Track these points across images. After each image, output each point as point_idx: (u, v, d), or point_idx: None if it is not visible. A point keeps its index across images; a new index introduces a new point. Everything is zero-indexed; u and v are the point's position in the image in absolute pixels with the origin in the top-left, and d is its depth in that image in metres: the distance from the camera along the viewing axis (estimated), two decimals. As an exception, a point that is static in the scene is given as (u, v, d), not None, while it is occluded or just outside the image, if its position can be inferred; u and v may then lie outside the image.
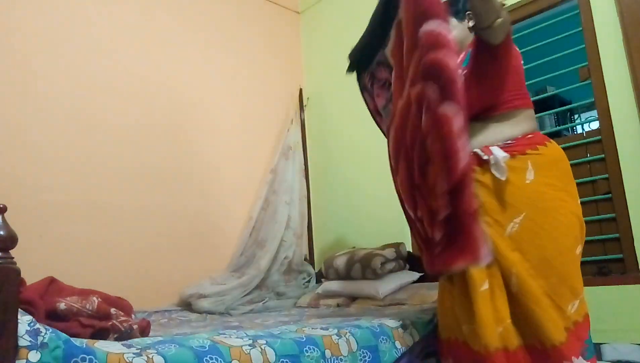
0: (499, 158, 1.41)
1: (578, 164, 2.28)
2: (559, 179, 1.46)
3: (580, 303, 1.40)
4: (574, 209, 1.45)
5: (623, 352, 1.94)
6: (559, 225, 1.40)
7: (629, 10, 2.10)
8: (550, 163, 1.47)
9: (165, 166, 2.70)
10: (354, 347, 1.39)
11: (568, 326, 1.37)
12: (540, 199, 1.42)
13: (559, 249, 1.40)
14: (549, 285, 1.37)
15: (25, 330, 0.88)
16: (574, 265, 1.42)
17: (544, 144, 1.49)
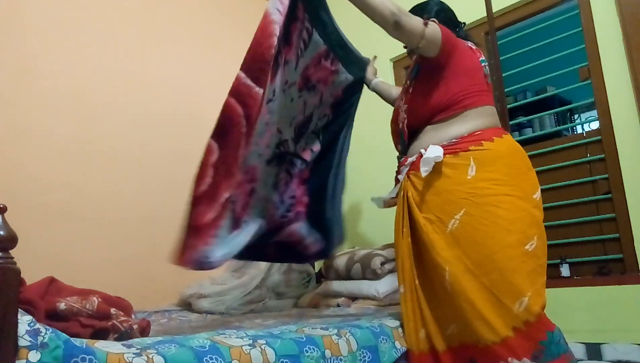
0: (429, 155, 1.47)
1: (578, 164, 2.29)
2: (504, 174, 1.45)
3: (530, 302, 1.34)
4: (522, 204, 1.43)
5: (623, 352, 1.94)
6: (498, 220, 1.39)
7: (629, 10, 2.10)
8: (494, 158, 1.47)
9: (165, 165, 2.70)
10: (354, 347, 1.39)
11: (517, 325, 1.33)
12: (480, 195, 1.43)
13: (498, 244, 1.38)
14: (490, 281, 1.37)
15: (25, 330, 0.88)
16: (518, 260, 1.37)
17: (490, 140, 1.49)
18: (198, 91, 2.95)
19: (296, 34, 1.57)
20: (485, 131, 1.52)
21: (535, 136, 2.76)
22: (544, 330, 1.33)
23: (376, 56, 2.04)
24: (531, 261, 1.39)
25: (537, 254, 1.41)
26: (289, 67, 1.59)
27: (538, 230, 1.44)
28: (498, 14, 2.49)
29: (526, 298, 1.33)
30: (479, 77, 1.59)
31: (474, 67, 1.59)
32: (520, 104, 2.81)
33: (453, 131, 1.53)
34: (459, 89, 1.54)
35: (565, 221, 2.28)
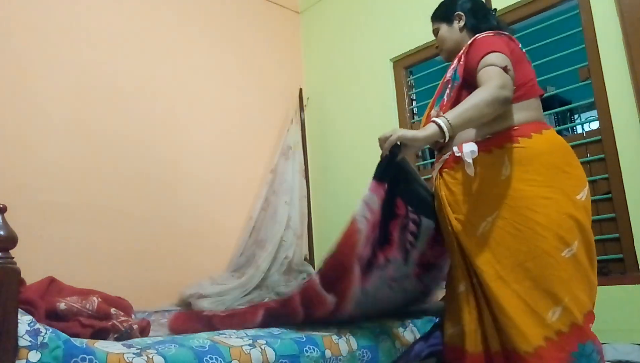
0: (465, 154, 1.36)
1: (578, 164, 2.29)
2: (541, 174, 1.35)
3: (564, 312, 1.27)
4: (561, 207, 1.32)
5: (623, 352, 1.93)
6: (533, 225, 1.31)
7: (629, 10, 2.10)
8: (532, 157, 1.36)
9: (165, 165, 2.70)
10: (354, 346, 1.39)
11: (549, 335, 1.27)
12: (514, 197, 1.34)
13: (532, 251, 1.30)
14: (522, 289, 1.30)
15: (25, 330, 0.88)
16: (553, 269, 1.29)
17: (528, 136, 1.38)
18: (198, 90, 2.95)
19: (397, 231, 1.47)
20: (523, 126, 1.40)
21: (535, 136, 2.76)
22: (575, 341, 1.26)
23: None
24: (569, 267, 1.30)
25: (578, 260, 1.31)
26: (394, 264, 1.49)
27: (580, 234, 1.34)
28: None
29: (560, 308, 1.27)
30: (523, 67, 1.47)
31: (519, 58, 1.46)
32: (520, 104, 2.80)
33: (490, 126, 1.40)
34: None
35: (565, 221, 2.28)
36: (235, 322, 1.40)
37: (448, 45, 1.65)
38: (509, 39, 1.49)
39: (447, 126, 1.29)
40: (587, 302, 1.31)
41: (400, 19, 3.03)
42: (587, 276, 1.33)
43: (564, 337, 1.26)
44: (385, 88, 3.08)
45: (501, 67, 1.34)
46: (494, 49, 1.40)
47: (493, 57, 1.37)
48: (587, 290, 1.32)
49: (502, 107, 1.33)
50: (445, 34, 1.65)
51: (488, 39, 1.45)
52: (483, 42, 1.45)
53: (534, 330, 1.27)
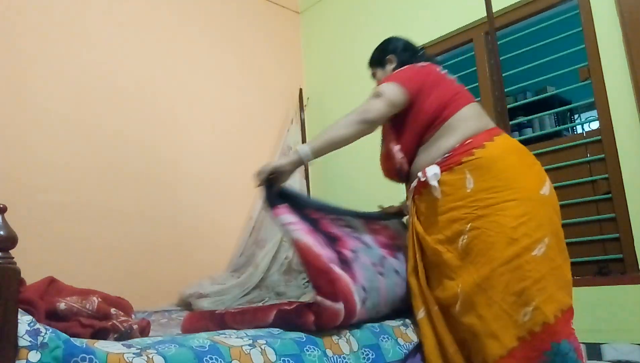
0: (429, 178, 1.46)
1: (578, 164, 2.29)
2: (500, 179, 1.40)
3: (535, 312, 1.28)
4: (526, 207, 1.36)
5: (623, 352, 1.93)
6: (503, 229, 1.35)
7: (629, 10, 2.10)
8: (489, 165, 1.42)
9: (165, 165, 2.70)
10: (355, 346, 1.39)
11: (521, 335, 1.29)
12: (481, 207, 1.39)
13: (503, 255, 1.33)
14: (497, 294, 1.32)
15: (25, 330, 0.87)
16: (525, 269, 1.31)
17: (481, 146, 1.45)
18: (198, 90, 2.95)
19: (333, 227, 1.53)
20: (475, 137, 1.47)
21: (535, 136, 2.77)
22: (548, 340, 1.27)
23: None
24: (541, 266, 1.32)
25: (550, 256, 1.34)
26: (361, 251, 1.52)
27: (549, 229, 1.37)
28: (498, 14, 2.49)
29: (530, 308, 1.28)
30: (446, 84, 1.59)
31: (437, 79, 1.59)
32: (520, 104, 2.81)
33: (442, 145, 1.51)
34: (435, 105, 1.53)
35: (565, 221, 2.27)
36: (248, 319, 1.40)
37: None
38: (426, 67, 1.63)
39: (305, 151, 1.49)
40: (563, 299, 1.32)
41: (400, 19, 3.03)
42: (561, 272, 1.35)
43: (537, 336, 1.27)
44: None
45: (375, 94, 1.52)
46: (389, 80, 1.57)
47: (379, 88, 1.55)
48: (562, 287, 1.33)
49: (362, 127, 1.50)
50: (381, 77, 1.79)
51: (395, 73, 1.62)
52: (389, 76, 1.62)
53: (508, 333, 1.29)
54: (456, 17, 2.74)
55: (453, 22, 2.76)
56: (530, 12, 2.50)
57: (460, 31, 2.76)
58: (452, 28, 2.77)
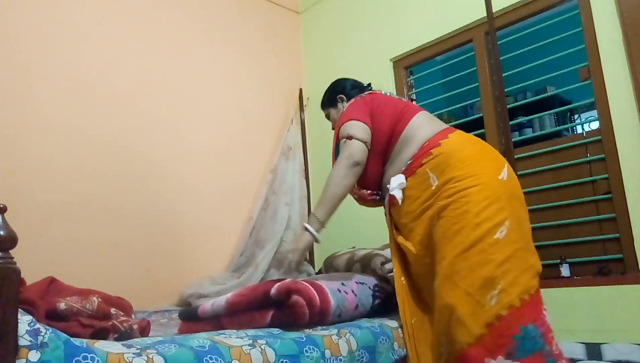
0: (391, 188, 1.56)
1: (578, 164, 2.29)
2: (460, 169, 1.45)
3: (501, 294, 1.29)
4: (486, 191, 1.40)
5: (623, 352, 1.93)
6: (467, 215, 1.38)
7: (629, 10, 2.10)
8: (446, 159, 1.49)
9: (165, 165, 2.70)
10: (354, 347, 1.39)
11: (489, 321, 1.28)
12: (446, 196, 1.44)
13: (468, 240, 1.36)
14: (463, 280, 1.34)
15: (25, 330, 0.88)
16: (487, 253, 1.33)
17: (437, 145, 1.53)
18: (198, 91, 2.96)
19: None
20: (431, 139, 1.56)
21: (535, 136, 2.76)
22: (516, 324, 1.28)
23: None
24: (504, 249, 1.33)
25: (512, 239, 1.35)
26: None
27: (509, 212, 1.39)
28: (498, 14, 2.49)
29: (496, 291, 1.29)
30: (392, 103, 1.70)
31: (382, 101, 1.71)
32: (520, 104, 2.81)
33: (404, 155, 1.60)
34: (388, 122, 1.64)
35: (565, 221, 2.28)
36: (245, 321, 1.42)
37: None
38: (368, 95, 1.78)
39: (316, 225, 1.57)
40: (528, 283, 1.33)
41: (400, 19, 3.03)
42: (524, 254, 1.36)
43: (504, 320, 1.28)
44: (385, 88, 3.06)
45: (346, 137, 1.62)
46: (345, 119, 1.68)
47: (343, 130, 1.66)
48: (526, 270, 1.34)
49: (356, 169, 1.60)
50: (335, 117, 1.94)
51: (346, 112, 1.73)
52: (342, 116, 1.74)
53: (475, 319, 1.29)
54: (456, 17, 2.74)
55: (453, 22, 2.76)
56: (530, 12, 2.50)
57: (460, 31, 2.76)
58: (452, 28, 2.77)
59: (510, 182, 1.48)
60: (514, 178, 1.51)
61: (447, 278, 1.36)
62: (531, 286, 1.33)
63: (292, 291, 1.38)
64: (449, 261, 1.37)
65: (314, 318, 1.41)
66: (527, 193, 2.35)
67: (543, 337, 1.29)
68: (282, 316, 1.39)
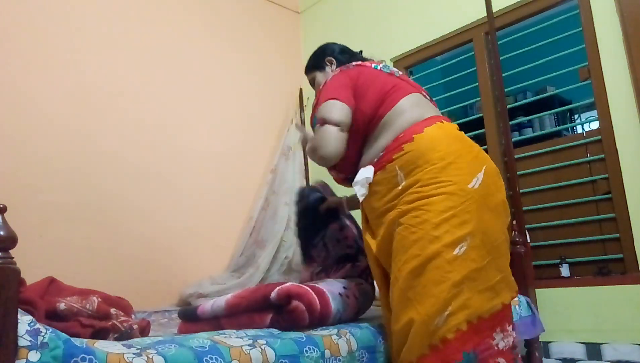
0: (355, 182, 1.45)
1: (578, 164, 2.29)
2: (427, 172, 1.31)
3: (450, 317, 1.20)
4: (451, 201, 1.27)
5: (623, 352, 1.94)
6: (425, 225, 1.26)
7: (629, 10, 2.10)
8: (416, 158, 1.33)
9: (165, 165, 2.70)
10: (354, 347, 1.39)
11: (433, 342, 1.20)
12: (407, 201, 1.31)
13: (425, 254, 1.24)
14: (415, 294, 1.24)
15: (25, 330, 0.88)
16: (443, 270, 1.22)
17: (410, 140, 1.36)
18: (197, 90, 2.96)
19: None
20: (406, 131, 1.38)
21: (535, 136, 2.77)
22: (460, 349, 1.19)
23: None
24: (461, 267, 1.23)
25: (471, 257, 1.24)
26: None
27: (473, 226, 1.26)
28: (498, 14, 2.49)
29: (446, 313, 1.20)
30: (381, 80, 1.50)
31: (370, 77, 1.51)
32: (520, 104, 2.81)
33: (379, 144, 1.44)
34: (371, 104, 1.46)
35: (565, 221, 2.28)
36: (244, 323, 1.40)
37: None
38: (355, 67, 1.58)
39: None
40: (481, 305, 1.24)
41: (400, 19, 3.03)
42: (484, 275, 1.26)
43: (449, 344, 1.20)
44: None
45: (319, 122, 1.48)
46: (324, 96, 1.50)
47: (319, 111, 1.49)
48: (483, 292, 1.24)
49: (321, 163, 1.54)
50: (322, 81, 1.69)
51: (327, 86, 1.55)
52: (322, 91, 1.56)
53: (420, 339, 1.22)
54: (456, 17, 2.74)
55: (453, 22, 2.76)
56: (530, 12, 2.50)
57: (460, 31, 2.76)
58: (452, 28, 2.77)
59: (484, 190, 1.32)
60: (489, 184, 1.34)
61: (401, 291, 1.27)
62: (486, 309, 1.24)
63: (292, 296, 1.33)
64: (405, 275, 1.26)
65: (314, 322, 1.39)
66: (527, 193, 2.36)
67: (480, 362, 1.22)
68: (281, 320, 1.37)
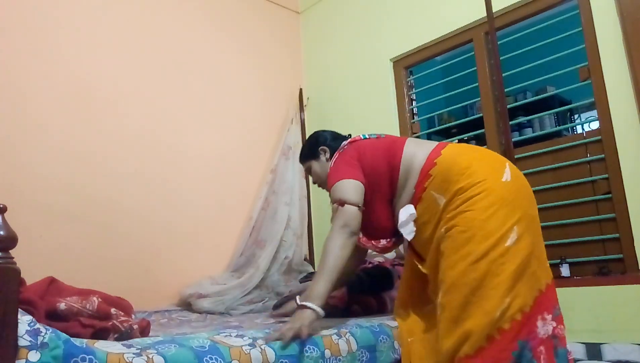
0: (402, 218, 1.52)
1: (578, 164, 2.29)
2: (460, 182, 1.42)
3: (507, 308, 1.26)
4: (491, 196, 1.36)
5: (623, 352, 1.94)
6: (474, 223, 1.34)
7: (629, 10, 2.10)
8: (445, 177, 1.46)
9: (164, 165, 2.70)
10: (354, 347, 1.39)
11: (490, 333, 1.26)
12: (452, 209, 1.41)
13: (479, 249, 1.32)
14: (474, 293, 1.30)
15: (25, 330, 0.88)
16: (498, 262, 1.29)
17: (434, 165, 1.50)
18: (197, 90, 2.95)
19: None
20: (426, 162, 1.53)
21: (535, 136, 2.77)
22: (516, 338, 1.25)
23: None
24: (514, 257, 1.30)
25: (520, 246, 1.32)
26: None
27: (519, 215, 1.35)
28: (498, 14, 2.49)
29: (504, 305, 1.26)
30: (377, 143, 1.66)
31: (366, 145, 1.66)
32: (520, 104, 2.81)
33: (409, 186, 1.56)
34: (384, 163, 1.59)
35: (565, 221, 2.28)
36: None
37: (324, 178, 1.78)
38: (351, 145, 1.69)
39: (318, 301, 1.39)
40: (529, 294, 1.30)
41: (400, 19, 3.03)
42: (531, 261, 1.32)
43: (505, 334, 1.25)
44: (385, 88, 3.08)
45: (338, 202, 1.52)
46: (335, 178, 1.58)
47: (334, 193, 1.55)
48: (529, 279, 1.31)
49: (353, 239, 1.50)
50: (318, 169, 1.83)
51: (334, 169, 1.63)
52: (331, 174, 1.63)
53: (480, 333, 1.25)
54: (456, 17, 2.74)
55: (453, 22, 2.76)
56: (530, 12, 2.50)
57: (460, 31, 2.76)
58: (452, 28, 2.77)
59: (515, 182, 1.43)
60: (519, 177, 1.47)
61: (455, 287, 1.32)
62: (532, 297, 1.30)
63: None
64: (459, 271, 1.32)
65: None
66: (527, 193, 2.36)
67: (532, 351, 1.27)
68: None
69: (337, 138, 1.85)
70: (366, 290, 1.96)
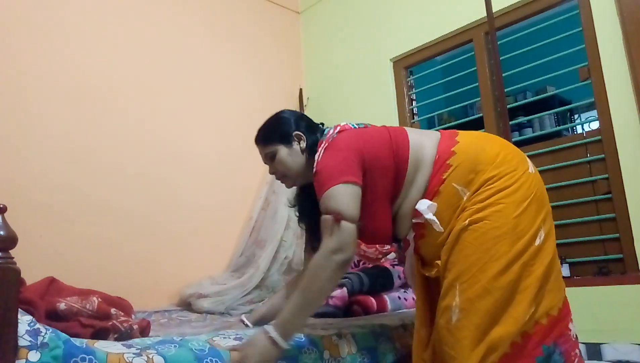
0: (424, 212, 1.27)
1: (578, 164, 2.29)
2: (491, 171, 1.26)
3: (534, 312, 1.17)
4: (521, 192, 1.23)
5: (623, 352, 1.94)
6: (507, 219, 1.21)
7: (629, 10, 2.10)
8: (472, 165, 1.27)
9: (164, 165, 2.70)
10: (354, 348, 1.39)
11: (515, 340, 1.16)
12: (480, 201, 1.24)
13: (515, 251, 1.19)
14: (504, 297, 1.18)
15: (25, 330, 0.88)
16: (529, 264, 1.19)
17: (452, 154, 1.30)
18: (197, 90, 2.95)
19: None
20: (440, 152, 1.32)
21: (535, 136, 2.77)
22: (540, 343, 1.17)
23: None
24: (542, 258, 1.20)
25: (547, 244, 1.22)
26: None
27: (545, 212, 1.26)
28: (498, 14, 2.49)
29: (532, 309, 1.17)
30: (373, 133, 1.39)
31: (367, 133, 1.39)
32: (520, 104, 2.81)
33: (419, 181, 1.33)
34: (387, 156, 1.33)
35: (565, 221, 2.28)
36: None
37: (295, 170, 1.45)
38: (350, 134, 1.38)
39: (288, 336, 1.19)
40: (556, 296, 1.22)
41: (400, 19, 3.03)
42: (557, 261, 1.26)
43: (529, 339, 1.17)
44: (385, 88, 3.08)
45: (334, 214, 1.23)
46: (330, 181, 1.27)
47: (328, 201, 1.26)
48: (556, 279, 1.23)
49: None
50: (288, 159, 1.45)
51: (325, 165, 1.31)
52: (323, 173, 1.31)
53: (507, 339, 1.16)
54: (456, 17, 2.74)
55: (453, 22, 2.76)
56: (530, 12, 2.50)
57: (460, 31, 2.76)
58: (452, 28, 2.77)
59: (538, 174, 1.32)
60: (536, 170, 1.34)
61: (487, 292, 1.17)
62: (559, 298, 1.22)
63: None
64: (491, 275, 1.18)
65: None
66: (527, 193, 2.36)
67: (564, 355, 1.19)
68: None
69: (312, 127, 1.49)
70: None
